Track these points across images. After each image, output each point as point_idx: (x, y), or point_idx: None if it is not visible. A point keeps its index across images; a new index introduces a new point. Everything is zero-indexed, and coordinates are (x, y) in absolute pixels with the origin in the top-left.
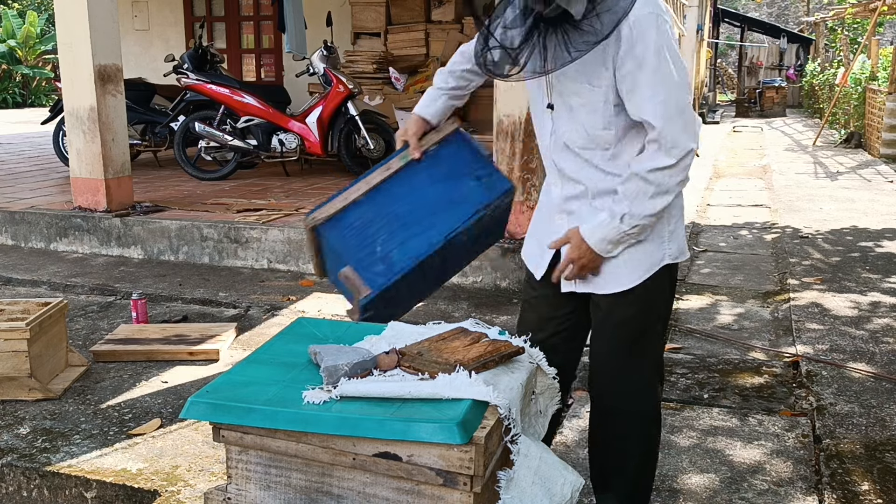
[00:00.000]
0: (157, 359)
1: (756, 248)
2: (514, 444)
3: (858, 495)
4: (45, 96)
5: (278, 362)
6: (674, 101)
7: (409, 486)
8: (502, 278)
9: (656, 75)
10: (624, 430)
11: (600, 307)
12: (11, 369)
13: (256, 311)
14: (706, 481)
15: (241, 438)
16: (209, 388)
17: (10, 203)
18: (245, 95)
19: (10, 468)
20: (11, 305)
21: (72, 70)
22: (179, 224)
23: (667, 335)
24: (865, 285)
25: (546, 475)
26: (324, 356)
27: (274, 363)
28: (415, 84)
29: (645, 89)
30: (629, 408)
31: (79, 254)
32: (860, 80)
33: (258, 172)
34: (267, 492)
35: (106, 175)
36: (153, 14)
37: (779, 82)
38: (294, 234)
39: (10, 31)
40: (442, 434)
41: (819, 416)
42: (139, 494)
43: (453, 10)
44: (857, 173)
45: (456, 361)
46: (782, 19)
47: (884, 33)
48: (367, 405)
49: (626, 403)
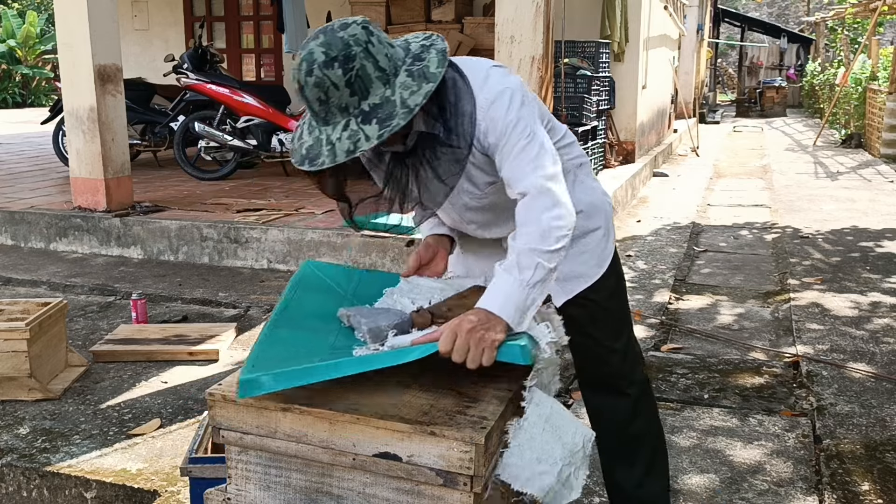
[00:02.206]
0: (156, 359)
1: (756, 248)
2: (527, 392)
3: (858, 495)
4: (45, 96)
5: (306, 326)
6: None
7: (409, 486)
8: None
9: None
10: (635, 408)
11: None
12: (11, 369)
13: (256, 312)
14: (706, 481)
15: (241, 438)
16: (253, 363)
17: (10, 203)
18: (245, 95)
19: (10, 468)
20: (11, 305)
21: (72, 70)
22: (179, 224)
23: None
24: (866, 285)
25: (557, 424)
26: (360, 319)
27: (302, 327)
28: None
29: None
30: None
31: (78, 254)
32: (860, 80)
33: (258, 172)
34: (267, 492)
35: (106, 175)
36: (153, 14)
37: (779, 82)
38: (294, 234)
39: (10, 31)
40: (511, 353)
41: (819, 417)
42: (139, 494)
43: (453, 10)
44: (858, 173)
45: None
46: (782, 19)
47: (884, 33)
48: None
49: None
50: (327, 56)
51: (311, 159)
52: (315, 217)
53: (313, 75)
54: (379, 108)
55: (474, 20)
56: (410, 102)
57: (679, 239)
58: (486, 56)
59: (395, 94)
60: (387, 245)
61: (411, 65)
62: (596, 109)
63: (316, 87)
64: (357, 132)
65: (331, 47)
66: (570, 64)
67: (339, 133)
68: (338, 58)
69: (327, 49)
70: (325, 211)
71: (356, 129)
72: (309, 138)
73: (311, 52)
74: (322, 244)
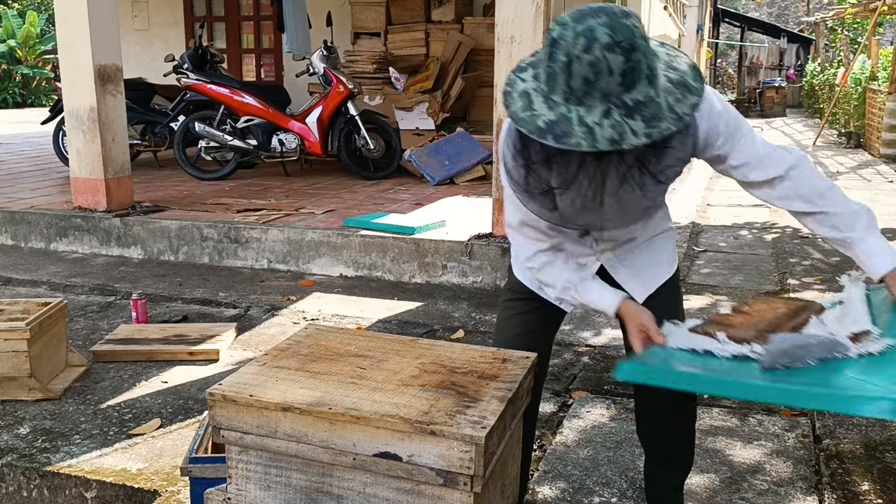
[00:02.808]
0: (157, 359)
1: (756, 248)
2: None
3: (858, 495)
4: (45, 96)
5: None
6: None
7: (409, 486)
8: (502, 278)
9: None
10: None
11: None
12: (11, 369)
13: (256, 311)
14: (706, 481)
15: (241, 438)
16: (643, 358)
17: (10, 203)
18: (245, 95)
19: (10, 468)
20: (11, 305)
21: (72, 70)
22: (179, 224)
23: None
24: None
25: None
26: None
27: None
28: (415, 84)
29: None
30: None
31: (79, 254)
32: (860, 80)
33: (258, 172)
34: (267, 492)
35: (106, 175)
36: (153, 14)
37: (779, 82)
38: (294, 234)
39: (10, 31)
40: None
41: (819, 416)
42: (139, 494)
43: (453, 10)
44: (857, 173)
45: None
46: (782, 19)
47: (884, 33)
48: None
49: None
50: (612, 39)
51: (557, 136)
52: (315, 217)
53: (591, 54)
54: (643, 105)
55: (474, 20)
56: (678, 109)
57: (679, 239)
58: (486, 56)
59: (659, 97)
60: (387, 245)
61: (667, 70)
62: None
63: (589, 66)
64: (621, 124)
65: (616, 31)
66: None
67: (596, 117)
68: (622, 44)
69: (612, 32)
70: (325, 211)
71: (619, 121)
72: (548, 112)
73: (592, 30)
74: (322, 244)
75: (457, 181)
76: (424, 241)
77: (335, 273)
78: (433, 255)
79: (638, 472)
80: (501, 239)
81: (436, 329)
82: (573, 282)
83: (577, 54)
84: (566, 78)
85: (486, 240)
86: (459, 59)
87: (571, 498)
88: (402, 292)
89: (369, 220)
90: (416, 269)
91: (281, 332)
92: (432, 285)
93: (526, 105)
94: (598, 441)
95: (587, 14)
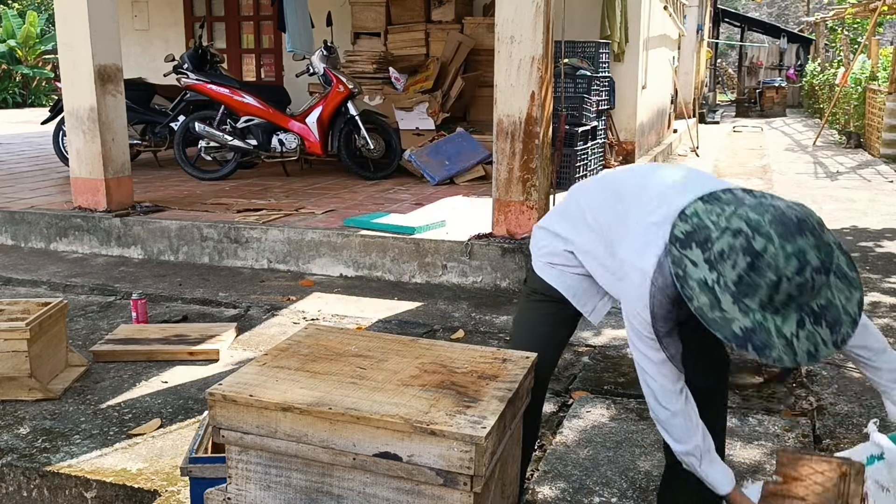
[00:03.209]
0: (157, 359)
1: None
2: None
3: None
4: (45, 96)
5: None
6: None
7: (409, 486)
8: (502, 278)
9: None
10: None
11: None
12: (11, 369)
13: (256, 311)
14: None
15: (241, 438)
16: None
17: (10, 203)
18: (245, 95)
19: (10, 468)
20: (11, 305)
21: (72, 70)
22: (179, 224)
23: None
24: (865, 285)
25: None
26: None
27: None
28: (415, 84)
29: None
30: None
31: (79, 254)
32: (860, 80)
33: (258, 172)
34: (267, 492)
35: (106, 175)
36: (153, 14)
37: (779, 82)
38: (294, 234)
39: (10, 31)
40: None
41: (819, 416)
42: (139, 494)
43: (453, 10)
44: (857, 173)
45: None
46: (782, 19)
47: (884, 33)
48: None
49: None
50: (821, 263)
51: (756, 347)
52: (315, 217)
53: (803, 276)
54: (826, 310)
55: (474, 20)
56: (850, 309)
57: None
58: (486, 56)
59: (835, 298)
60: (387, 245)
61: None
62: (596, 109)
63: (797, 287)
64: (814, 334)
65: (822, 252)
66: (570, 64)
67: (792, 328)
68: (829, 268)
69: (821, 256)
70: (325, 211)
71: (812, 331)
72: (742, 318)
73: (803, 253)
74: (322, 244)
75: (457, 181)
76: (424, 241)
77: (335, 273)
78: (433, 255)
79: (638, 472)
80: (501, 239)
81: (436, 329)
82: (702, 450)
83: (788, 276)
84: (770, 292)
85: (486, 240)
86: (459, 59)
87: (571, 498)
88: (402, 292)
89: (369, 220)
90: (416, 269)
91: (281, 332)
92: (432, 285)
93: (713, 303)
94: (598, 441)
95: (794, 232)
